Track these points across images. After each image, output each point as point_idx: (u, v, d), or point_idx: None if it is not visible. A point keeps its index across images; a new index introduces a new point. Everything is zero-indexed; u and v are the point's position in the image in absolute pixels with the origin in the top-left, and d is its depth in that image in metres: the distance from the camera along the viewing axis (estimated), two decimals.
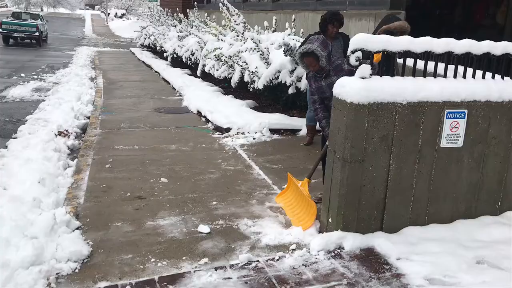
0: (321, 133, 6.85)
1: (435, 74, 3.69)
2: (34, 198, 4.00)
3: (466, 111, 3.60)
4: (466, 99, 3.59)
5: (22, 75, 12.91)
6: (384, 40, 3.46)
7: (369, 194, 3.54)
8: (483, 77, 3.80)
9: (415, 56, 3.52)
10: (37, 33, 21.72)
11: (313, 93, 4.23)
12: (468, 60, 3.70)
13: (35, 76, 12.84)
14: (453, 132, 3.61)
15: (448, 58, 3.66)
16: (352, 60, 3.39)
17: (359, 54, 3.41)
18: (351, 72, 3.88)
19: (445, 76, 3.72)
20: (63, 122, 7.14)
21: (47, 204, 4.07)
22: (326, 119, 4.19)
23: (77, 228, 3.76)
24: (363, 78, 3.40)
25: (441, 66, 3.70)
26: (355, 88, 3.34)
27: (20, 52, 18.71)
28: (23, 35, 21.49)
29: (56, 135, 6.45)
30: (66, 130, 6.90)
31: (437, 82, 3.59)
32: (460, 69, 3.75)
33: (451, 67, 3.77)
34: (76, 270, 3.18)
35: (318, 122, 4.34)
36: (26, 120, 7.37)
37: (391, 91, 3.39)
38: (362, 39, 3.40)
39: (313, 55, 3.96)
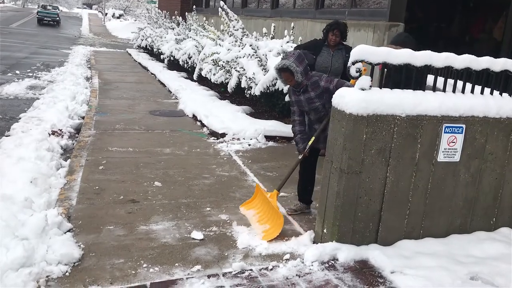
0: None
1: (434, 88, 3.69)
2: (26, 198, 3.94)
3: (464, 126, 3.61)
4: (465, 114, 3.60)
5: (17, 72, 12.83)
6: (385, 52, 3.46)
7: (365, 206, 3.52)
8: (482, 92, 3.81)
9: (415, 69, 3.52)
10: (58, 18, 38.38)
11: (293, 104, 4.21)
12: (467, 75, 3.71)
13: (30, 74, 12.76)
14: (451, 147, 3.61)
15: (448, 72, 3.67)
16: (353, 71, 3.38)
17: (359, 65, 3.41)
18: (327, 89, 3.96)
19: (444, 90, 3.72)
20: (57, 122, 7.08)
21: (39, 205, 4.01)
22: (301, 134, 4.19)
23: (68, 231, 3.71)
24: (363, 90, 3.39)
25: (440, 80, 3.70)
26: (354, 99, 3.33)
27: (15, 48, 18.60)
28: (50, 19, 37.65)
29: (49, 135, 6.39)
30: (60, 130, 6.84)
31: (436, 96, 3.59)
32: (459, 84, 3.75)
33: (450, 82, 3.78)
34: (67, 274, 3.14)
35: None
36: (20, 118, 7.31)
37: (390, 103, 3.39)
38: (363, 51, 3.40)
39: (288, 71, 3.94)
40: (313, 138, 4.11)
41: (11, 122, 7.13)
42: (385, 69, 3.58)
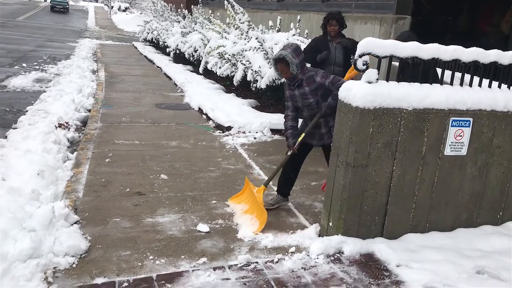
0: None
1: (441, 81, 3.67)
2: (33, 190, 3.97)
3: (471, 119, 3.59)
4: (472, 107, 3.57)
5: (24, 65, 12.87)
6: (392, 45, 3.44)
7: (371, 200, 3.52)
8: (490, 86, 3.78)
9: (423, 62, 3.50)
10: (67, 6, 46.31)
11: (287, 99, 4.16)
12: (475, 68, 3.68)
13: (37, 67, 12.79)
14: (458, 140, 3.59)
15: (455, 65, 3.64)
16: (359, 64, 3.36)
17: (366, 58, 3.39)
18: (322, 85, 3.92)
19: (451, 83, 3.70)
20: (63, 114, 7.11)
21: (46, 197, 4.04)
22: (292, 130, 4.14)
23: (75, 222, 3.73)
24: (370, 83, 3.37)
25: (447, 74, 3.68)
26: (361, 92, 3.32)
27: (22, 41, 18.64)
28: (61, 7, 44.74)
29: (56, 127, 6.42)
30: (67, 123, 6.87)
31: (443, 90, 3.56)
32: (467, 77, 3.73)
33: (457, 75, 3.76)
34: (74, 265, 3.16)
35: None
36: (27, 111, 7.34)
37: (397, 96, 3.37)
38: (370, 44, 3.38)
39: (284, 62, 3.89)
40: (303, 135, 4.07)
41: (18, 115, 7.17)
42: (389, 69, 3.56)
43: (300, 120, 4.26)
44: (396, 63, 3.80)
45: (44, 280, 2.93)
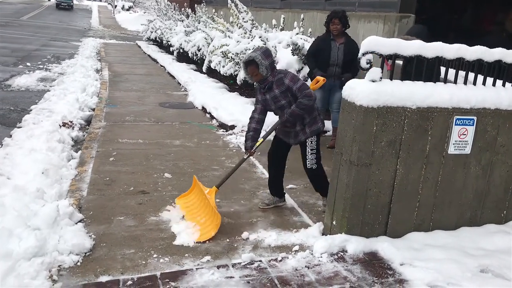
0: (325, 133, 6.88)
1: (445, 80, 3.66)
2: (38, 189, 3.99)
3: (475, 118, 3.58)
4: (476, 106, 3.57)
5: (28, 64, 12.91)
6: (395, 43, 3.44)
7: (374, 198, 3.52)
8: (494, 84, 3.77)
9: (426, 61, 3.49)
10: (71, 3, 49.51)
11: (258, 103, 4.07)
12: (479, 67, 3.67)
13: (41, 66, 12.83)
14: (461, 139, 3.58)
15: (459, 64, 3.63)
16: (363, 63, 3.36)
17: (370, 56, 3.39)
18: (290, 89, 3.85)
19: (455, 82, 3.69)
20: (67, 113, 7.14)
21: (50, 196, 4.06)
22: (253, 133, 4.02)
23: (79, 221, 3.75)
24: (373, 81, 3.37)
25: (451, 72, 3.67)
26: (365, 91, 3.32)
27: (26, 41, 18.70)
28: (66, 4, 47.80)
29: (60, 126, 6.45)
30: (71, 121, 6.90)
31: (447, 88, 3.56)
32: (471, 75, 3.72)
33: (461, 73, 3.75)
34: (78, 263, 3.18)
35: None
36: (31, 110, 7.37)
37: (401, 95, 3.37)
38: (373, 42, 3.37)
39: (254, 64, 3.84)
40: (261, 140, 4.03)
41: (23, 114, 7.20)
42: (393, 69, 3.57)
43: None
44: (400, 62, 3.79)
45: (49, 278, 2.95)
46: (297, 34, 8.32)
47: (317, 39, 6.26)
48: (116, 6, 51.27)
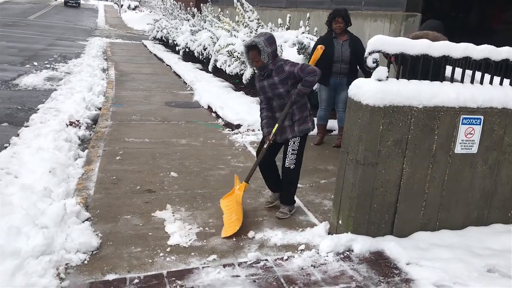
0: (331, 132, 6.88)
1: (452, 79, 3.65)
2: (45, 187, 4.02)
3: (482, 117, 3.56)
4: (483, 105, 3.55)
5: (35, 63, 12.98)
6: (401, 42, 3.43)
7: (380, 198, 3.51)
8: (501, 83, 3.76)
9: (433, 60, 3.48)
10: (79, 1, 53.29)
11: (259, 92, 4.08)
12: (486, 66, 3.65)
13: (48, 65, 12.90)
14: (468, 138, 3.57)
15: (466, 63, 3.62)
16: (369, 62, 3.35)
17: (376, 56, 3.38)
18: (291, 73, 3.81)
19: (462, 81, 3.68)
20: (74, 112, 7.17)
21: (58, 194, 4.08)
22: (267, 119, 4.05)
23: (86, 219, 3.77)
24: (380, 80, 3.37)
25: (458, 71, 3.66)
26: (371, 90, 3.31)
27: (33, 40, 18.80)
28: (73, 2, 51.59)
29: (67, 125, 6.48)
30: (77, 121, 6.93)
31: (454, 87, 3.55)
32: (478, 74, 3.70)
33: (468, 72, 3.73)
34: (85, 262, 3.20)
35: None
36: (38, 109, 7.41)
37: (407, 94, 3.36)
38: (379, 41, 3.37)
39: (256, 49, 3.80)
40: (277, 125, 3.96)
41: (30, 113, 7.24)
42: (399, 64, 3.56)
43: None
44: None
45: (57, 276, 2.97)
46: (303, 33, 8.31)
47: (319, 40, 6.27)
48: (122, 5, 51.41)
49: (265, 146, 4.04)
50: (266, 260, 3.34)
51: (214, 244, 3.55)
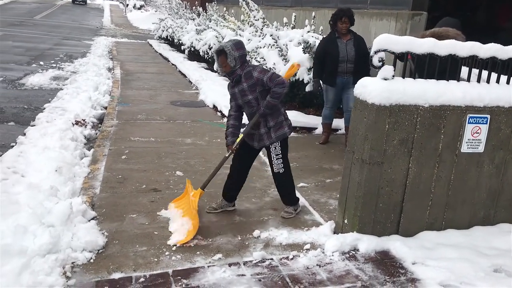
0: (337, 131, 6.87)
1: (458, 78, 3.63)
2: (51, 186, 4.04)
3: (488, 116, 3.54)
4: (489, 104, 3.53)
5: (41, 63, 13.04)
6: (407, 41, 3.42)
7: (386, 197, 3.50)
8: (508, 82, 3.73)
9: (439, 58, 3.46)
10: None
11: (231, 99, 4.01)
12: (493, 65, 3.63)
13: (54, 65, 12.95)
14: (475, 138, 3.55)
15: (472, 62, 3.60)
16: (375, 60, 3.34)
17: (382, 55, 3.37)
18: (260, 81, 3.74)
19: (468, 80, 3.66)
20: (80, 112, 7.20)
21: (64, 193, 4.10)
22: (233, 128, 3.98)
23: (92, 218, 3.79)
24: (386, 79, 3.36)
25: (464, 70, 3.64)
26: (377, 89, 3.30)
27: (39, 40, 18.88)
28: (80, 0, 55.49)
29: (73, 124, 6.51)
30: (83, 120, 6.96)
31: (460, 86, 3.53)
32: (484, 73, 3.68)
33: (475, 71, 3.71)
34: (91, 260, 3.21)
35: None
36: (44, 108, 7.45)
37: (413, 93, 3.35)
38: (385, 40, 3.36)
39: (224, 54, 3.74)
40: (241, 136, 3.91)
41: (36, 112, 7.28)
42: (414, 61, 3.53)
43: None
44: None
45: (63, 275, 2.98)
46: (308, 32, 8.30)
47: (322, 41, 6.24)
48: (127, 5, 51.57)
49: (226, 155, 3.99)
50: (272, 259, 3.34)
51: (219, 243, 3.56)
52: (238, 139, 3.93)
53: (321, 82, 6.19)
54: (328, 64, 5.99)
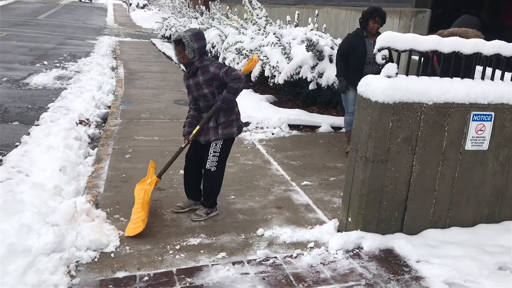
0: (340, 130, 6.85)
1: (462, 75, 3.61)
2: (56, 185, 4.05)
3: (493, 113, 3.53)
4: (494, 101, 3.51)
5: (45, 62, 13.06)
6: (411, 38, 3.40)
7: (390, 195, 3.50)
8: None
9: (443, 56, 3.45)
10: None
11: (188, 92, 3.94)
12: (497, 62, 3.62)
13: (58, 64, 12.98)
14: (479, 135, 3.54)
15: (477, 59, 3.58)
16: (379, 58, 3.34)
17: (385, 52, 3.37)
18: (216, 76, 3.67)
19: (472, 77, 3.64)
20: (84, 111, 7.22)
21: (68, 192, 4.12)
22: (191, 119, 3.93)
23: (97, 217, 3.79)
24: (389, 77, 3.35)
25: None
26: (380, 87, 3.29)
27: (43, 39, 18.92)
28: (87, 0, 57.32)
29: (77, 124, 6.53)
30: (87, 119, 6.98)
31: (464, 83, 3.52)
32: (488, 70, 3.66)
33: (478, 68, 3.70)
34: (96, 259, 3.22)
35: None
36: (48, 108, 7.47)
37: (416, 91, 3.34)
38: (389, 38, 3.35)
39: (181, 44, 3.65)
40: (197, 127, 3.82)
41: (40, 112, 7.29)
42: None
43: None
44: (416, 57, 3.75)
45: (67, 274, 2.99)
46: (311, 30, 8.29)
47: (349, 37, 5.76)
48: (131, 4, 51.61)
49: (182, 145, 3.95)
50: (275, 257, 3.34)
51: (223, 242, 3.56)
52: (195, 131, 3.85)
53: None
54: (353, 63, 5.53)
